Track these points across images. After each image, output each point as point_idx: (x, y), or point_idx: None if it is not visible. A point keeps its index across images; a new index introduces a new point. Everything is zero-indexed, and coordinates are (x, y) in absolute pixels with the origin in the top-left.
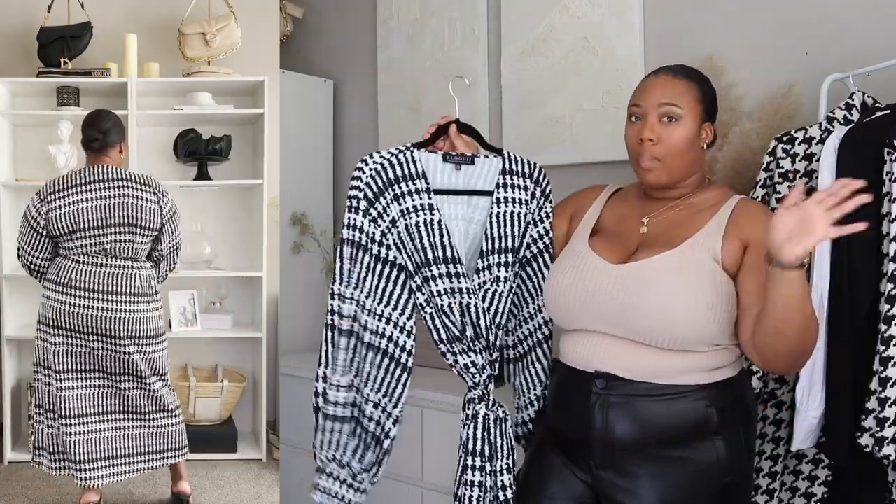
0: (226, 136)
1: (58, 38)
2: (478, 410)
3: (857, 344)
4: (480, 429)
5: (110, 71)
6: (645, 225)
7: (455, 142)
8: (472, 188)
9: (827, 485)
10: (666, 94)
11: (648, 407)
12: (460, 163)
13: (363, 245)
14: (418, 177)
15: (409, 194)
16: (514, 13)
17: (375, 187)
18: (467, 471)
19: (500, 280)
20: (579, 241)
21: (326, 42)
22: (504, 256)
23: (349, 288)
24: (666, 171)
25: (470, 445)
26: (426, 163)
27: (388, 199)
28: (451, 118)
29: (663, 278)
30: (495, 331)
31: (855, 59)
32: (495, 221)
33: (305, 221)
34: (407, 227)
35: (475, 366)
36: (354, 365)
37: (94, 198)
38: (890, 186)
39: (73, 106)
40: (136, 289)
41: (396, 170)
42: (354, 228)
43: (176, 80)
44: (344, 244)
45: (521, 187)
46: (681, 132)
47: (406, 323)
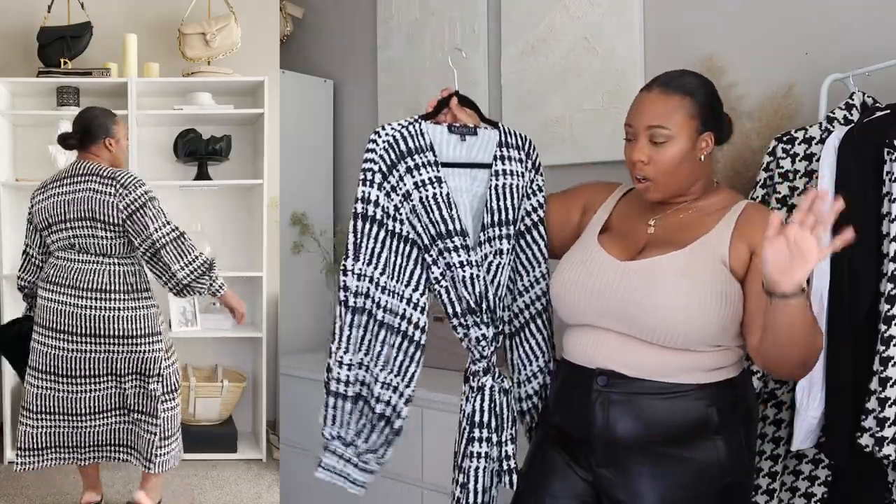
0: (226, 136)
1: (58, 38)
2: (484, 382)
3: (857, 344)
4: (487, 400)
5: (110, 71)
6: (652, 226)
7: (458, 114)
8: (473, 160)
9: (827, 485)
10: (654, 115)
11: (649, 405)
12: (465, 133)
13: (378, 220)
14: (428, 149)
15: (423, 166)
16: (514, 13)
17: (389, 160)
18: (473, 443)
19: (501, 252)
20: (590, 237)
21: (326, 42)
22: (505, 228)
23: (363, 264)
24: (659, 189)
25: (476, 417)
26: (433, 134)
27: (401, 171)
28: (451, 90)
29: (670, 277)
30: (500, 304)
31: (855, 59)
32: (495, 194)
33: (305, 221)
34: (421, 200)
35: (485, 338)
36: (365, 343)
37: (62, 192)
38: (890, 186)
39: (73, 106)
40: (105, 285)
41: (409, 142)
42: (369, 202)
43: (176, 80)
44: (358, 219)
45: (517, 160)
46: (672, 151)
47: (420, 300)
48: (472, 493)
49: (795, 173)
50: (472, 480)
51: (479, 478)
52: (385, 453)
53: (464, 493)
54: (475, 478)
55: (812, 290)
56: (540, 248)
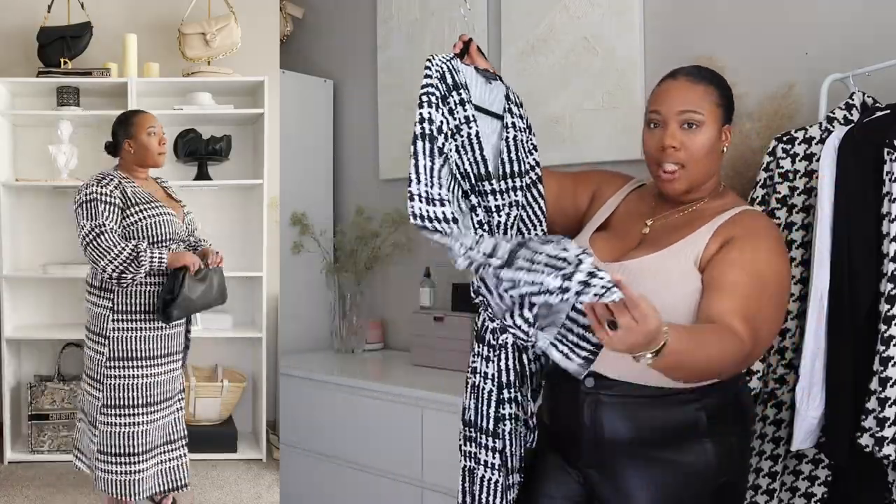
0: (226, 136)
1: (58, 38)
2: (505, 340)
3: (857, 344)
4: (511, 359)
5: (110, 71)
6: (647, 226)
7: (477, 60)
8: (489, 108)
9: (827, 485)
10: (686, 100)
11: (637, 407)
12: (489, 77)
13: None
14: (465, 87)
15: (465, 103)
16: (514, 13)
17: (444, 87)
18: (503, 405)
19: (515, 204)
20: (584, 235)
21: (326, 42)
22: (520, 180)
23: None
24: (687, 177)
25: (503, 378)
26: (466, 74)
27: (455, 100)
28: (466, 38)
29: (642, 280)
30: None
31: (855, 59)
32: (510, 145)
33: (305, 221)
34: (469, 136)
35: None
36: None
37: None
38: (890, 186)
39: (73, 106)
40: (87, 277)
41: (456, 76)
42: (431, 123)
43: (176, 80)
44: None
45: (520, 116)
46: (703, 138)
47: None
48: (510, 458)
49: (795, 173)
50: (507, 444)
51: (514, 440)
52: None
53: (503, 458)
54: (510, 440)
55: (812, 290)
56: (540, 206)
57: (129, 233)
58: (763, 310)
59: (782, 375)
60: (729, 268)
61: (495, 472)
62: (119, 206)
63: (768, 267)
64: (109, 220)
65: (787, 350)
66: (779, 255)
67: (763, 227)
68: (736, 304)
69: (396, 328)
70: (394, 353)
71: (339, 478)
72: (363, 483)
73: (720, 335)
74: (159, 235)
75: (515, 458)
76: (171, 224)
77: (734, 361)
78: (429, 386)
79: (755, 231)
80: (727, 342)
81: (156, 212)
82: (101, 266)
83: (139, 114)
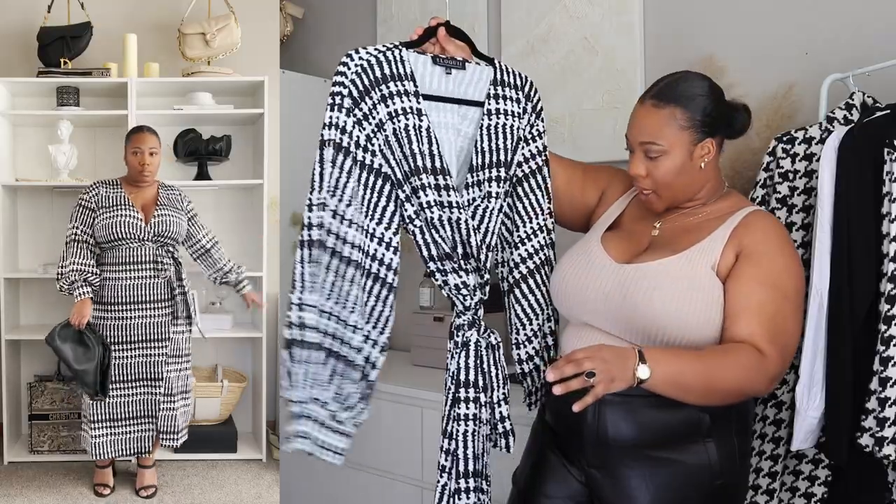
0: (226, 136)
1: (58, 38)
2: (469, 338)
3: (857, 344)
4: (473, 357)
5: (110, 71)
6: (657, 228)
7: (445, 46)
8: (462, 97)
9: (827, 485)
10: (645, 131)
11: (641, 408)
12: (451, 66)
13: (346, 148)
14: (407, 78)
15: (399, 95)
16: (514, 13)
17: (361, 86)
18: (458, 404)
19: (490, 196)
20: (594, 235)
21: (326, 42)
22: (496, 171)
23: (328, 195)
24: (662, 200)
25: (462, 376)
26: (415, 64)
27: (374, 99)
28: (440, 20)
29: (660, 283)
30: (486, 251)
31: (855, 59)
32: (486, 134)
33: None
34: (395, 132)
35: (466, 287)
36: (328, 285)
37: None
38: (890, 186)
39: (73, 106)
40: None
41: (385, 68)
42: (337, 129)
43: (176, 80)
44: (324, 146)
45: (512, 99)
46: (667, 165)
47: (392, 239)
48: (463, 461)
49: (795, 173)
50: (461, 446)
51: (468, 443)
52: (362, 412)
53: (452, 460)
54: (464, 443)
55: (812, 290)
56: (538, 197)
57: (95, 231)
58: (788, 321)
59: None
60: (748, 287)
61: (443, 476)
62: (92, 209)
63: (787, 276)
64: (81, 225)
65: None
66: (793, 259)
67: (773, 231)
68: (763, 328)
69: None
70: (394, 353)
71: (339, 478)
72: (363, 483)
73: (733, 355)
74: (112, 235)
75: (470, 462)
76: (124, 225)
77: (759, 379)
78: (429, 386)
79: (767, 237)
80: (743, 359)
81: (113, 213)
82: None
83: (133, 133)
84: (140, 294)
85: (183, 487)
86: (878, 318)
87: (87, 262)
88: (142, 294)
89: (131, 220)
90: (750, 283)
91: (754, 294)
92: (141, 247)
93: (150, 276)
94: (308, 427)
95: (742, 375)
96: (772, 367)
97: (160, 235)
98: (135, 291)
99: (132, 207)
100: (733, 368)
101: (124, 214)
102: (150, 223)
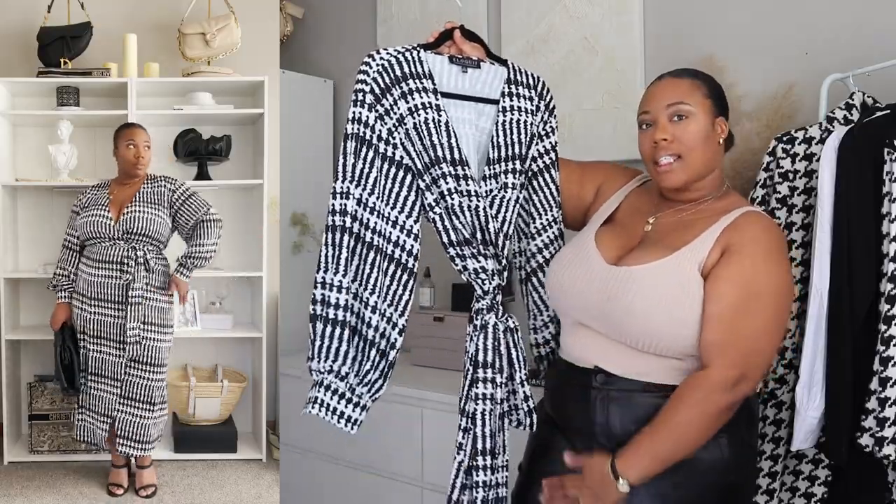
0: (226, 136)
1: (58, 38)
2: (487, 320)
3: (857, 344)
4: (491, 339)
5: (110, 71)
6: (650, 224)
7: (461, 46)
8: (479, 95)
9: (827, 485)
10: (672, 94)
11: (650, 404)
12: (466, 66)
13: (369, 141)
14: (425, 76)
15: (418, 91)
16: (514, 13)
17: (383, 83)
18: (476, 384)
19: (507, 187)
20: (589, 232)
21: (326, 42)
22: (512, 164)
23: (350, 183)
24: (684, 168)
25: (480, 357)
26: (433, 63)
27: (395, 95)
28: (455, 24)
29: (646, 287)
30: (503, 239)
31: (855, 59)
32: (501, 129)
33: (305, 221)
34: (416, 125)
35: (485, 271)
36: (353, 267)
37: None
38: (890, 186)
39: (73, 106)
40: None
41: (404, 67)
42: (360, 123)
43: (176, 80)
44: (349, 140)
45: (526, 97)
46: (694, 127)
47: (413, 227)
48: (481, 438)
49: (795, 173)
50: (478, 425)
51: (485, 421)
52: (380, 388)
53: (468, 438)
54: (482, 421)
55: (812, 290)
56: (552, 191)
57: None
58: (755, 324)
59: (782, 375)
60: (721, 288)
61: (459, 453)
62: (78, 212)
63: (766, 276)
64: (70, 230)
65: (787, 350)
66: (778, 264)
67: (763, 233)
68: (722, 334)
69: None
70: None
71: (339, 478)
72: (363, 483)
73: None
74: (86, 234)
75: (487, 440)
76: (93, 225)
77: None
78: (429, 386)
79: (755, 239)
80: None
81: (89, 213)
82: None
83: (124, 127)
84: (103, 292)
85: (183, 487)
86: (878, 318)
87: (71, 268)
88: (104, 292)
89: (101, 219)
90: (723, 283)
91: (724, 296)
92: (112, 246)
93: (115, 275)
94: (324, 395)
95: (699, 410)
96: (718, 379)
97: (129, 233)
98: (101, 289)
99: (105, 208)
100: (687, 412)
101: (97, 214)
102: (120, 221)
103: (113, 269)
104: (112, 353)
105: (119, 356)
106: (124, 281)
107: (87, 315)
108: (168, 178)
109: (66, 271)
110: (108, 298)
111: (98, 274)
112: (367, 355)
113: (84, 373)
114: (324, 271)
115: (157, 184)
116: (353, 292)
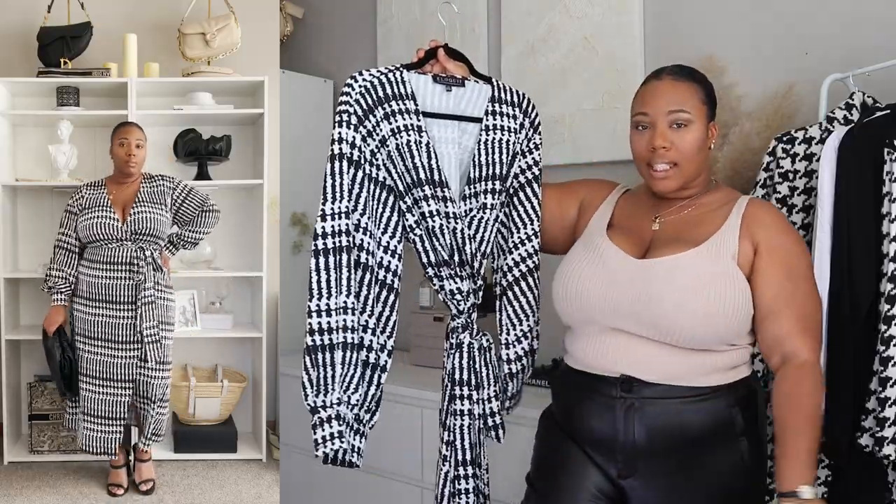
0: (226, 136)
1: (58, 38)
2: (462, 339)
3: (857, 344)
4: (466, 358)
5: (110, 71)
6: (657, 223)
7: (445, 65)
8: (462, 113)
9: (827, 485)
10: (673, 100)
11: (674, 410)
12: (451, 84)
13: (357, 161)
14: (408, 97)
15: (400, 113)
16: (514, 13)
17: (365, 104)
18: (455, 400)
19: (486, 207)
20: (597, 234)
21: (326, 42)
22: (491, 184)
23: (342, 203)
24: (678, 176)
25: (456, 375)
26: (415, 84)
27: (378, 117)
28: (439, 43)
29: (688, 275)
30: (480, 258)
31: (855, 59)
32: (483, 149)
33: (305, 221)
34: (398, 147)
35: (461, 292)
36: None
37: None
38: (890, 186)
39: (73, 106)
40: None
41: (387, 88)
42: (347, 143)
43: (176, 80)
44: (335, 160)
45: (510, 116)
46: (691, 136)
47: (397, 247)
48: (461, 451)
49: (795, 173)
50: (458, 438)
51: (465, 435)
52: (375, 414)
53: (451, 450)
54: (461, 435)
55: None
56: (533, 205)
57: (77, 233)
58: (813, 301)
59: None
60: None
61: (445, 464)
62: (76, 213)
63: (803, 258)
64: (66, 230)
65: None
66: (800, 240)
67: (780, 220)
68: (797, 322)
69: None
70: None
71: (339, 478)
72: (363, 483)
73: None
74: (90, 236)
75: (468, 451)
76: (99, 226)
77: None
78: (429, 386)
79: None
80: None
81: (92, 214)
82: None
83: (119, 126)
84: (112, 294)
85: (183, 487)
86: (878, 318)
87: (69, 270)
88: (113, 294)
89: (108, 220)
90: (778, 278)
91: (784, 289)
92: (120, 247)
93: (124, 276)
94: (342, 428)
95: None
96: (814, 359)
97: (137, 234)
98: (108, 291)
99: (109, 208)
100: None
101: (102, 216)
102: (126, 221)
103: (121, 270)
104: (120, 355)
105: (128, 357)
106: (135, 282)
107: (90, 318)
108: (166, 177)
109: (64, 273)
110: (117, 300)
111: (104, 276)
112: (370, 380)
113: (83, 377)
114: (318, 298)
115: (156, 182)
116: (349, 309)
